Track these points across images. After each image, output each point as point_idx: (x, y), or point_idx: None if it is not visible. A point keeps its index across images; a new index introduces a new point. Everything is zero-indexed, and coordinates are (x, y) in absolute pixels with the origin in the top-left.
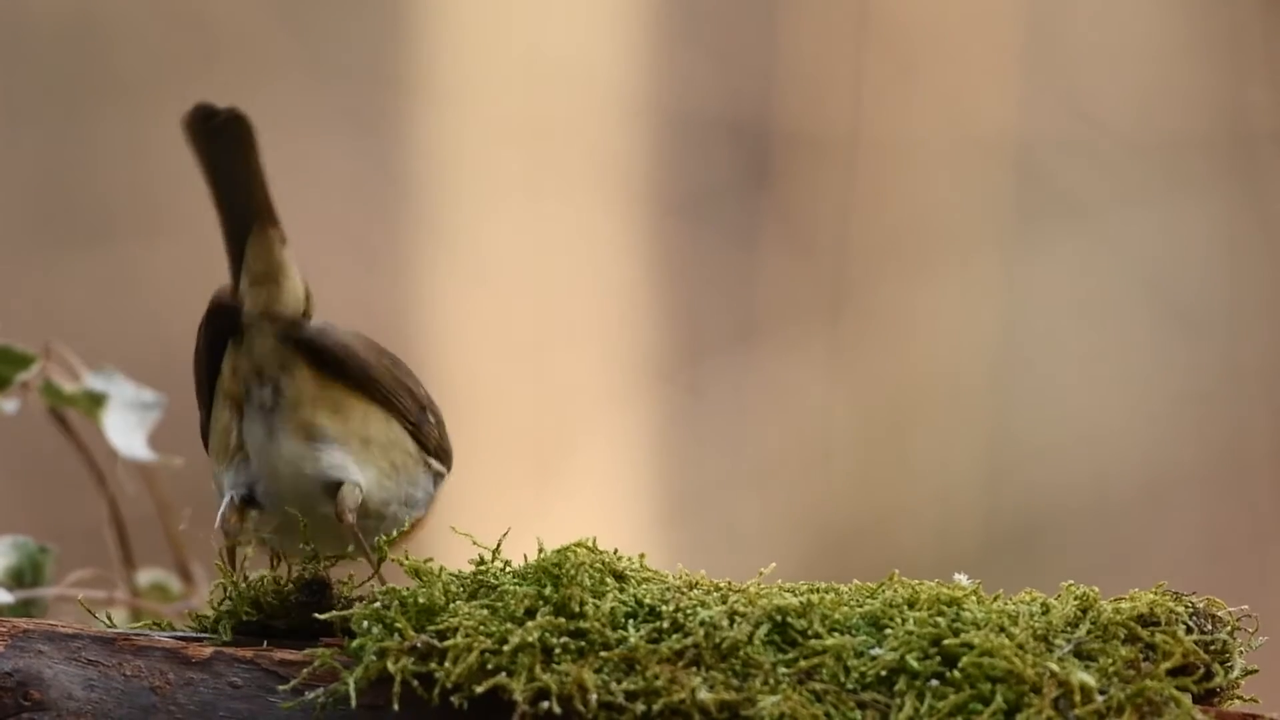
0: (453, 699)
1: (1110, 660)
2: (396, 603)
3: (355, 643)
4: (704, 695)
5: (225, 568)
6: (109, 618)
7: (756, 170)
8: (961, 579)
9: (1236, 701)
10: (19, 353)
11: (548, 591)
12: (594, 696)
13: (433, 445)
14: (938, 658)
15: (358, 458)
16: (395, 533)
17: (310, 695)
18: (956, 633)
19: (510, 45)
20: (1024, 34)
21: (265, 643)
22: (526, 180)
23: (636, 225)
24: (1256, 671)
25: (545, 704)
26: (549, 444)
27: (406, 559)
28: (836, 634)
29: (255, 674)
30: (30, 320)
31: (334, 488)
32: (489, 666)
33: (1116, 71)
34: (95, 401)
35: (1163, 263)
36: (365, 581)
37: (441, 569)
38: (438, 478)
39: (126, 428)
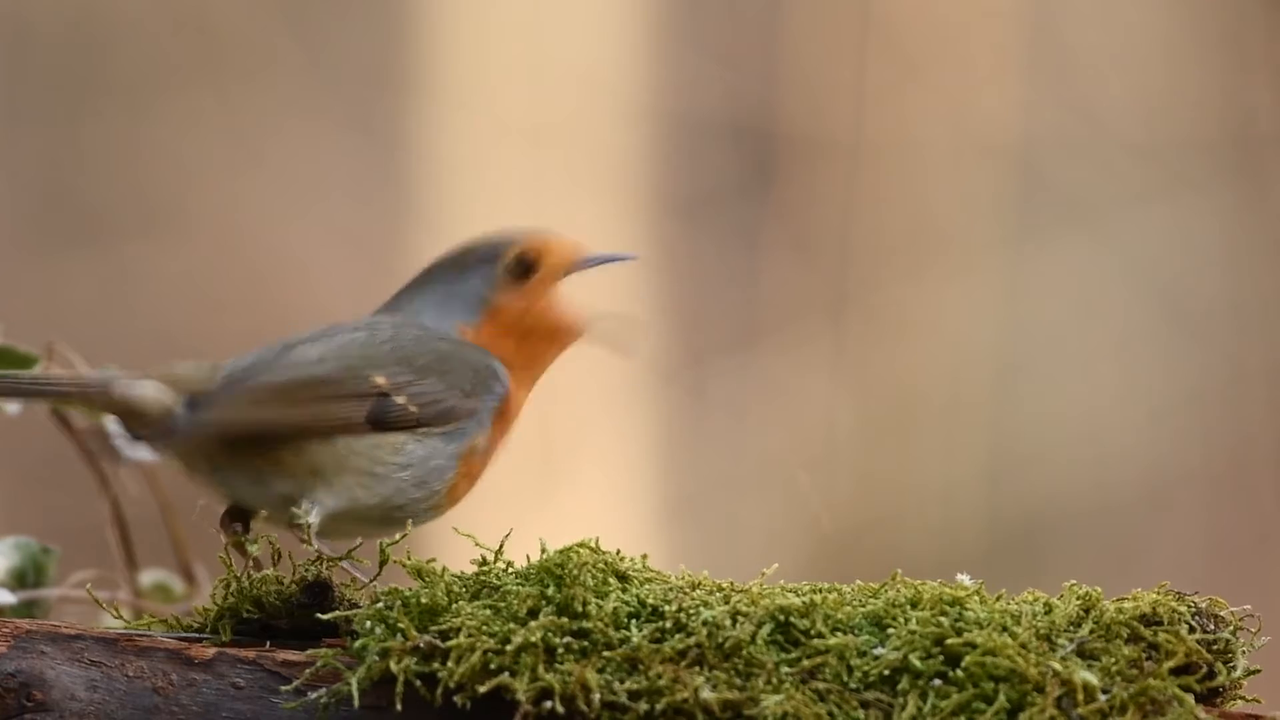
0: (456, 699)
1: (1113, 659)
2: (399, 603)
3: (358, 643)
4: (707, 695)
5: (229, 563)
6: (116, 610)
7: (759, 172)
8: (964, 579)
9: (1239, 701)
10: (21, 353)
11: (550, 592)
12: (597, 696)
13: (415, 419)
14: (940, 657)
15: (319, 491)
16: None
17: (313, 696)
18: (959, 632)
19: (512, 46)
20: (1026, 36)
21: (268, 643)
22: (528, 181)
23: (639, 226)
24: (1259, 671)
25: (548, 704)
26: (551, 445)
27: (409, 560)
28: (839, 633)
29: (258, 675)
30: (32, 320)
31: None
32: (492, 666)
33: (1119, 73)
34: None
35: (1166, 264)
36: (367, 584)
37: (444, 569)
38: (457, 433)
39: None
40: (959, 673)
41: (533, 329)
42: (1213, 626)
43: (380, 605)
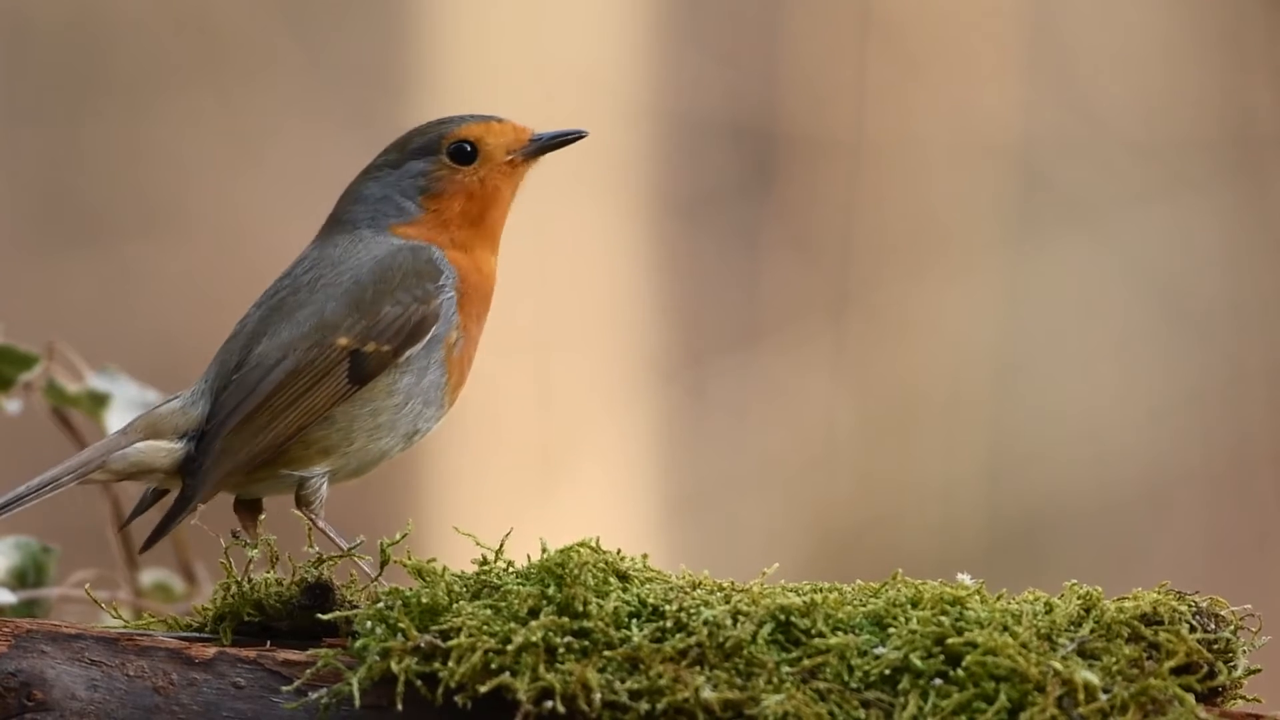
0: (456, 699)
1: (1114, 659)
2: (400, 603)
3: (359, 643)
4: (708, 694)
5: (229, 567)
6: (116, 610)
7: (760, 172)
8: (965, 578)
9: (1240, 700)
10: (22, 353)
11: (551, 591)
12: (598, 695)
13: (391, 352)
14: (941, 656)
15: (334, 464)
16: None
17: (314, 696)
18: (960, 632)
19: (512, 46)
20: (1027, 36)
21: (269, 643)
22: (529, 181)
23: (640, 226)
24: (1260, 671)
25: (549, 703)
26: (552, 445)
27: (410, 560)
28: (840, 633)
29: (258, 674)
30: (33, 320)
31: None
32: (493, 666)
33: (1120, 73)
34: (98, 401)
35: (1166, 264)
36: (374, 579)
37: (444, 569)
38: (432, 341)
39: None
40: (960, 672)
41: (484, 208)
42: (1213, 626)
43: (381, 605)
